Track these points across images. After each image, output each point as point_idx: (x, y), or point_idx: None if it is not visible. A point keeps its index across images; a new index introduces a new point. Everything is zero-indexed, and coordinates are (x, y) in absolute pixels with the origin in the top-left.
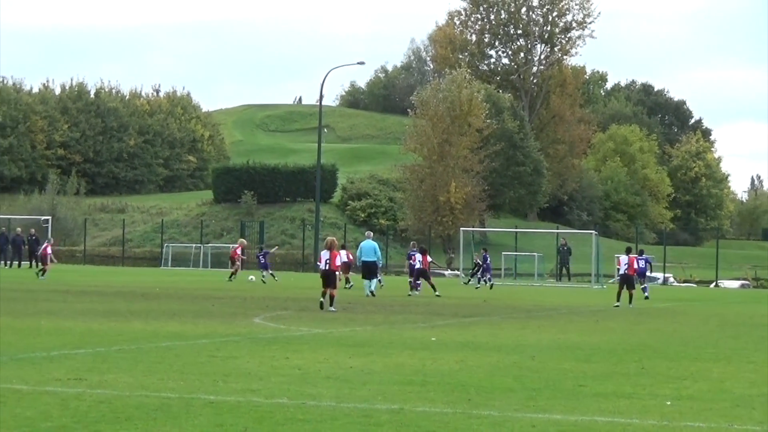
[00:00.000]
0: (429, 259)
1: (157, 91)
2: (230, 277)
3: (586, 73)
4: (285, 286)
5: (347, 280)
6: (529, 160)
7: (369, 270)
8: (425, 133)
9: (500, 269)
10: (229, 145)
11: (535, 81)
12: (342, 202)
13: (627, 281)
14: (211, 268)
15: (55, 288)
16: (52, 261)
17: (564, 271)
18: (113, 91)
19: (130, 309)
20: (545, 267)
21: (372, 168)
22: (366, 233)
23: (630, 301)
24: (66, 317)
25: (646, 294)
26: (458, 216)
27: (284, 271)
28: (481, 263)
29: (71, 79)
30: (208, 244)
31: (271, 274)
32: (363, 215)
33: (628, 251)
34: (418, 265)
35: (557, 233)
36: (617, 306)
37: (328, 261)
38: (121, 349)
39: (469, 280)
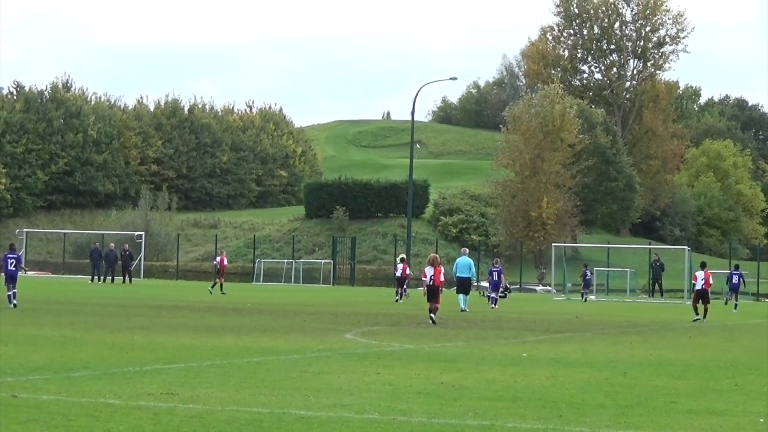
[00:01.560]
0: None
1: (250, 107)
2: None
3: (679, 87)
4: (377, 302)
5: (401, 293)
6: (622, 176)
7: (463, 286)
8: (517, 148)
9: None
10: (321, 160)
11: (627, 96)
12: (434, 218)
13: (703, 296)
14: (303, 283)
15: (148, 303)
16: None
17: (656, 287)
18: (206, 107)
19: (222, 324)
20: (638, 283)
21: (464, 183)
22: (462, 249)
23: (705, 316)
24: (158, 332)
25: (735, 310)
26: (550, 231)
27: (375, 287)
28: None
29: (165, 96)
30: (300, 259)
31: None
32: (455, 231)
33: (702, 266)
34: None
35: (650, 249)
36: (697, 320)
37: (432, 276)
38: (213, 364)
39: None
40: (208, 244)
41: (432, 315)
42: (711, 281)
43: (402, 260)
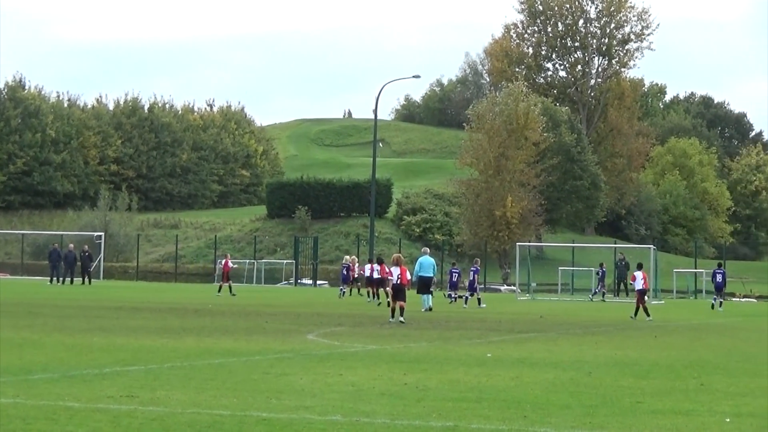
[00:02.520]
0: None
1: (210, 106)
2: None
3: (644, 85)
4: (339, 303)
5: (375, 295)
6: (587, 174)
7: (427, 285)
8: (481, 147)
9: (557, 284)
10: (283, 159)
11: (592, 94)
12: (397, 217)
13: (644, 295)
14: (264, 284)
15: (108, 305)
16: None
17: (622, 286)
18: (166, 105)
19: (182, 325)
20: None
21: (427, 182)
22: (423, 249)
23: (635, 313)
24: (118, 334)
25: (720, 308)
26: (514, 231)
27: (338, 287)
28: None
29: (125, 94)
30: (261, 260)
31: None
32: (418, 230)
33: (639, 267)
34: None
35: (615, 248)
36: (650, 319)
37: (399, 276)
38: (174, 366)
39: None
40: (169, 244)
41: (394, 313)
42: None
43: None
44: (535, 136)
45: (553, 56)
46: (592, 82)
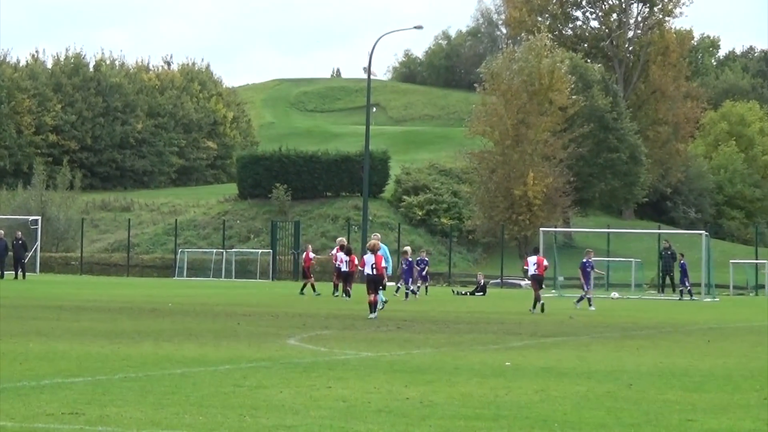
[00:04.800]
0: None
1: (169, 63)
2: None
3: (693, 38)
4: (326, 301)
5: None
6: (624, 145)
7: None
8: (496, 112)
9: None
10: (257, 128)
11: (631, 48)
12: (395, 198)
13: (538, 282)
14: (236, 278)
15: (46, 303)
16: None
17: (668, 280)
18: (116, 63)
19: (137, 328)
20: (644, 275)
21: (431, 156)
22: (375, 235)
23: (534, 306)
24: (60, 339)
25: None
26: (537, 213)
27: (324, 282)
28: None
29: (66, 50)
30: (231, 249)
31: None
32: (421, 213)
33: (535, 251)
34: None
35: (659, 234)
36: (539, 307)
37: (374, 265)
38: (127, 377)
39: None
40: (119, 230)
41: (373, 308)
42: (546, 264)
43: (349, 250)
44: (562, 99)
45: (584, 3)
46: (631, 34)
